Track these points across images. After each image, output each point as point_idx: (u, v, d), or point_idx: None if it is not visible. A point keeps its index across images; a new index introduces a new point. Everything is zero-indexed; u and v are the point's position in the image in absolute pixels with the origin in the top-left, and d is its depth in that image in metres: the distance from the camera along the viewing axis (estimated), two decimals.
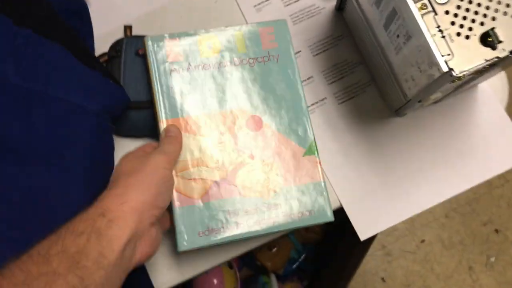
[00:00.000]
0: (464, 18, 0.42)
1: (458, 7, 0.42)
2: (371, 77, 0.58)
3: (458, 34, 0.41)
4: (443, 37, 0.41)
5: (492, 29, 0.42)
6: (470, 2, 0.42)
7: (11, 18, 0.45)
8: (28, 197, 0.43)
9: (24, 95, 0.45)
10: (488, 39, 0.41)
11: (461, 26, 0.42)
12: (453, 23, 0.42)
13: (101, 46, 0.58)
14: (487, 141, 0.57)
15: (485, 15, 0.42)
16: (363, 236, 0.54)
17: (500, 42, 0.41)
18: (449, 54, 0.41)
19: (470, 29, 0.42)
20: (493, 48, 0.41)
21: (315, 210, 0.51)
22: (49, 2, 0.49)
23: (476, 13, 0.42)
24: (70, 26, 0.51)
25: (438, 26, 0.41)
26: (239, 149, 0.51)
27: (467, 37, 0.41)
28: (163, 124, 0.51)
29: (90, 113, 0.47)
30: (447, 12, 0.42)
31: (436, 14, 0.41)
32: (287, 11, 0.60)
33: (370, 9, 0.49)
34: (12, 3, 0.46)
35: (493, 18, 0.42)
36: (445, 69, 0.40)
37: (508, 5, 0.42)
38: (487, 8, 0.42)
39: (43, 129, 0.45)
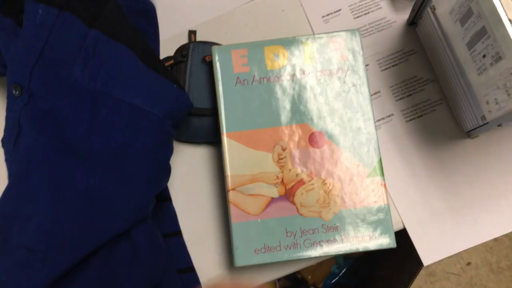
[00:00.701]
0: None
1: None
2: (442, 95, 0.55)
3: None
4: None
5: None
6: None
7: (82, 19, 0.45)
8: (83, 196, 0.43)
9: (90, 97, 0.45)
10: None
11: None
12: None
13: (165, 49, 0.57)
14: None
15: None
16: (426, 261, 0.51)
17: None
18: None
19: None
20: None
21: (377, 235, 0.48)
22: (118, 2, 0.48)
23: None
24: (137, 27, 0.50)
25: None
26: (300, 166, 0.49)
27: None
28: (224, 137, 0.50)
29: (153, 118, 0.46)
30: None
31: None
32: (356, 24, 0.57)
33: (451, 26, 0.46)
34: (83, 4, 0.46)
35: None
36: None
37: None
38: None
39: (106, 132, 0.44)
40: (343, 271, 1.14)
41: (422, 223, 0.53)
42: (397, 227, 0.53)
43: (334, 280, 1.13)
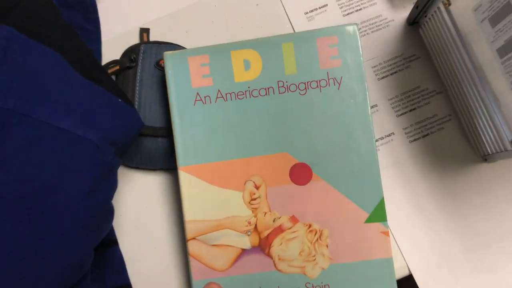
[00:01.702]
0: None
1: None
2: (452, 109, 0.45)
3: None
4: None
5: None
6: None
7: None
8: (15, 251, 0.32)
9: (4, 114, 0.33)
10: None
11: None
12: None
13: (109, 52, 0.46)
14: None
15: None
16: None
17: None
18: None
19: None
20: None
21: None
22: None
23: None
24: (69, 23, 0.38)
25: None
26: (278, 208, 0.38)
27: None
28: (182, 171, 0.38)
29: (88, 145, 0.35)
30: None
31: None
32: (345, 22, 0.46)
33: (474, 25, 0.35)
34: None
35: None
36: None
37: None
38: None
39: (20, 167, 0.33)
40: None
41: (431, 268, 0.43)
42: (401, 273, 0.43)
43: None
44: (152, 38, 0.48)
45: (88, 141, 0.35)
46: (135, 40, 0.48)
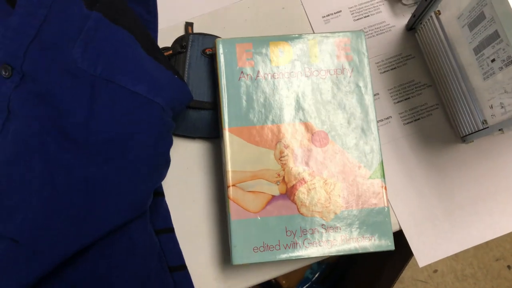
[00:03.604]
0: None
1: None
2: (438, 100, 0.56)
3: None
4: None
5: None
6: None
7: (83, 0, 0.43)
8: (79, 186, 0.41)
9: (90, 82, 0.42)
10: None
11: None
12: None
13: (160, 40, 0.56)
14: None
15: None
16: (422, 262, 0.52)
17: None
18: None
19: None
20: None
21: (376, 237, 0.48)
22: None
23: None
24: (136, 14, 0.48)
25: None
26: (302, 165, 0.49)
27: None
28: (226, 131, 0.48)
29: (156, 107, 0.44)
30: None
31: None
32: (356, 26, 0.57)
33: (457, 30, 0.47)
34: None
35: None
36: None
37: None
38: None
39: (106, 119, 0.42)
40: (316, 276, 1.14)
41: (417, 224, 0.53)
42: (393, 228, 0.53)
43: (307, 285, 1.13)
44: (195, 31, 0.58)
45: (156, 104, 0.45)
46: (181, 32, 0.57)
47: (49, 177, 0.41)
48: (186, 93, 0.48)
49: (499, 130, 0.46)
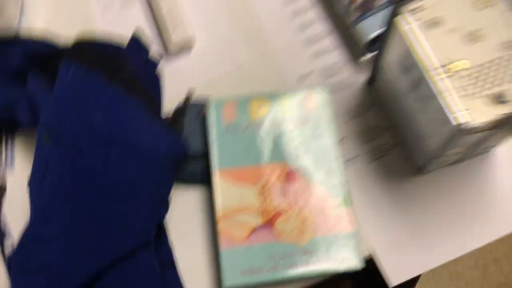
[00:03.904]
0: (477, 80, 0.48)
1: (470, 70, 0.48)
2: (400, 138, 0.65)
3: (471, 93, 0.47)
4: (459, 96, 0.47)
5: (506, 89, 0.47)
6: (483, 67, 0.48)
7: (106, 75, 0.55)
8: (102, 226, 0.51)
9: (108, 138, 0.54)
10: (501, 99, 0.46)
11: (474, 87, 0.47)
12: (467, 85, 0.47)
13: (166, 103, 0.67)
14: (505, 200, 0.62)
15: (497, 77, 0.47)
16: (392, 282, 0.59)
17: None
18: (461, 111, 0.47)
19: (483, 89, 0.47)
20: (505, 105, 0.46)
21: (346, 258, 0.56)
22: (131, 68, 0.59)
23: (489, 75, 0.47)
24: (146, 89, 0.60)
25: (453, 88, 0.48)
26: (279, 198, 0.58)
27: (479, 96, 0.47)
28: (217, 173, 0.59)
29: (156, 158, 0.56)
30: (460, 76, 0.48)
31: (450, 77, 0.48)
32: (326, 83, 0.68)
33: (398, 79, 0.57)
34: (106, 64, 0.56)
35: (506, 80, 0.47)
36: (457, 122, 0.46)
37: None
38: (500, 71, 0.47)
39: (119, 165, 0.53)
40: None
41: (388, 249, 0.60)
42: (365, 254, 0.60)
43: None
44: (196, 95, 0.69)
45: (156, 155, 0.56)
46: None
47: (75, 212, 0.51)
48: (183, 146, 0.59)
49: (439, 158, 0.55)
